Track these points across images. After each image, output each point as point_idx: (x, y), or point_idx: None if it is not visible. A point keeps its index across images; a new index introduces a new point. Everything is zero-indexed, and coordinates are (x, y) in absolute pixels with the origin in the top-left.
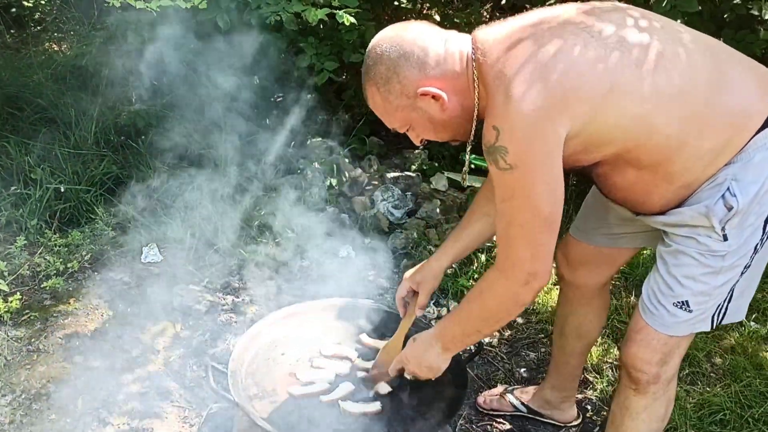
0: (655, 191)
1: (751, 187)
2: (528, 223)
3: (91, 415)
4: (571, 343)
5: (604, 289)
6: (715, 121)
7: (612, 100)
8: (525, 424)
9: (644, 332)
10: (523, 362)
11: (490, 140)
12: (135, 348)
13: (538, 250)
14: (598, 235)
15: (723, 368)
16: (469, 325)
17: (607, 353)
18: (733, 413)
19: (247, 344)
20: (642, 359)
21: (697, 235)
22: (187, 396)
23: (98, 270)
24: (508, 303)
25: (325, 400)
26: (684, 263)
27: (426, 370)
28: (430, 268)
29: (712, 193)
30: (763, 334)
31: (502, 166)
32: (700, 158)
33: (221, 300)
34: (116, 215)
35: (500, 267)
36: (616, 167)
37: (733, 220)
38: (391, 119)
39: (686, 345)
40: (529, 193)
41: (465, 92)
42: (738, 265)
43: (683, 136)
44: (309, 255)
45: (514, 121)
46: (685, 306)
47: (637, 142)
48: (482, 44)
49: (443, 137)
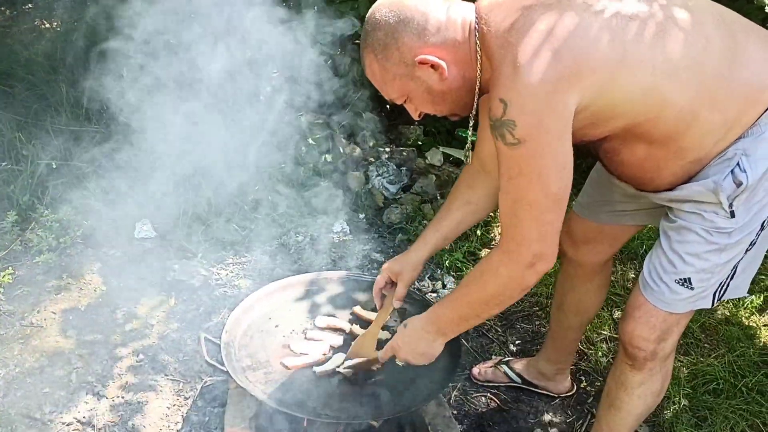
0: (666, 167)
1: (762, 163)
2: (536, 201)
3: (86, 389)
4: (570, 318)
5: (606, 267)
6: (728, 94)
7: (623, 71)
8: (519, 395)
9: (643, 309)
10: (517, 335)
11: (497, 114)
12: (129, 322)
13: (545, 230)
14: (602, 213)
15: (717, 339)
16: (468, 309)
17: (601, 325)
18: (727, 382)
19: (240, 317)
20: (640, 336)
21: (703, 211)
22: (182, 369)
23: (91, 246)
24: (512, 285)
25: (320, 371)
26: (688, 240)
27: (419, 357)
28: (408, 259)
29: (721, 168)
30: (758, 304)
31: (509, 141)
32: (711, 132)
33: (215, 274)
34: (109, 191)
35: (505, 248)
36: (626, 142)
37: (742, 196)
38: (389, 89)
39: (685, 322)
40: (539, 170)
41: (467, 63)
42: (743, 242)
43: (695, 109)
44: (303, 230)
45: (523, 93)
46: (687, 283)
47: (648, 115)
48: (486, 13)
49: (442, 110)
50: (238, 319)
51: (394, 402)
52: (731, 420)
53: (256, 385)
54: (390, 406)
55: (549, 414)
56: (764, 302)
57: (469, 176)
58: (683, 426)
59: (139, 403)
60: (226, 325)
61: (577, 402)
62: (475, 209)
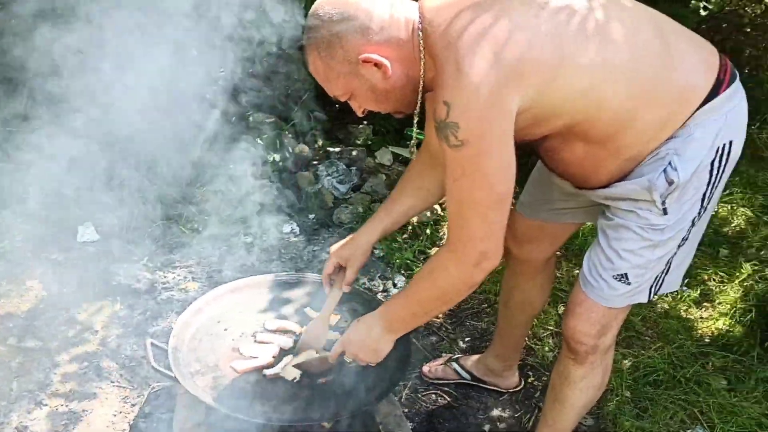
0: (603, 165)
1: (692, 162)
2: (481, 201)
3: (27, 398)
4: (516, 315)
5: (549, 264)
6: (661, 94)
7: (563, 72)
8: (469, 392)
9: (584, 305)
10: (467, 332)
11: (441, 116)
12: (71, 328)
13: (491, 229)
14: (543, 211)
15: (657, 331)
16: (418, 305)
17: (548, 321)
18: (666, 374)
19: (188, 320)
20: (581, 331)
21: (638, 209)
22: (128, 375)
23: (31, 250)
24: (459, 283)
25: (269, 374)
26: (624, 237)
27: (369, 354)
28: (358, 243)
29: (655, 167)
30: (695, 298)
31: (453, 142)
32: (646, 131)
33: (161, 278)
34: (50, 194)
35: (452, 247)
36: (566, 141)
37: (674, 194)
38: (333, 86)
39: (623, 316)
40: (483, 171)
41: (410, 61)
42: (675, 238)
43: (632, 109)
44: (252, 231)
45: (466, 95)
46: (624, 279)
47: (586, 115)
48: (429, 13)
49: (386, 108)
50: (186, 323)
51: (345, 402)
52: (671, 410)
53: (205, 390)
54: (341, 406)
55: (498, 409)
56: (701, 295)
57: (420, 165)
58: (626, 417)
59: (83, 411)
60: (173, 329)
61: (525, 397)
62: (426, 195)
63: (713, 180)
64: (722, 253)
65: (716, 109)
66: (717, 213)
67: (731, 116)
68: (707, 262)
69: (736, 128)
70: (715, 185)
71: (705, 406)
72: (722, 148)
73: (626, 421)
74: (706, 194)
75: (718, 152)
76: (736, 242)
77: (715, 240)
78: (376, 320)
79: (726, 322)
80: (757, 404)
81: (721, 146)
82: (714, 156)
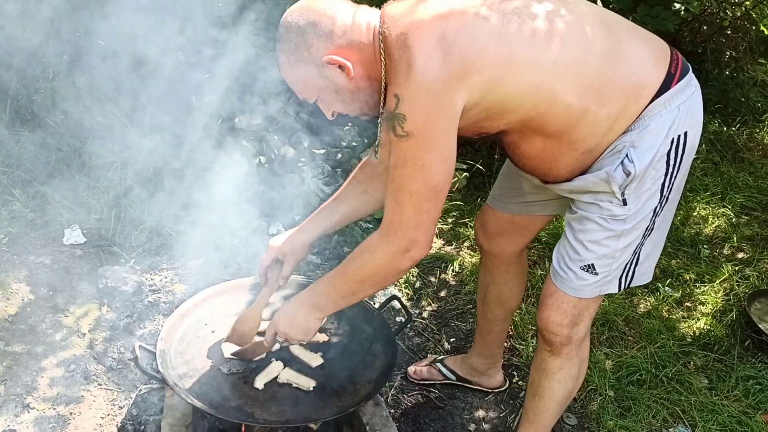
0: (561, 158)
1: (647, 153)
2: (417, 191)
3: (14, 401)
4: (493, 310)
5: (521, 257)
6: (611, 89)
7: (510, 70)
8: (454, 392)
9: (555, 296)
10: (452, 333)
11: (391, 107)
12: (58, 332)
13: (422, 218)
14: (513, 204)
15: (639, 331)
16: (345, 286)
17: (531, 321)
18: (649, 373)
19: (175, 323)
20: (554, 322)
21: (599, 201)
22: (116, 378)
23: (17, 253)
24: (386, 268)
25: (258, 380)
26: (588, 228)
27: (296, 330)
28: (299, 238)
29: (612, 160)
30: (677, 298)
31: (399, 133)
32: (599, 125)
33: (148, 280)
34: (35, 196)
35: (384, 231)
36: (524, 135)
37: (632, 185)
38: (301, 88)
39: (596, 307)
40: (422, 162)
41: (372, 64)
42: (638, 228)
43: (583, 103)
44: (238, 233)
45: (414, 90)
46: (591, 269)
47: (538, 110)
48: (389, 18)
49: (353, 109)
50: (174, 326)
51: (331, 404)
52: (653, 409)
53: (193, 393)
54: (328, 408)
55: (482, 409)
56: (682, 296)
57: (369, 168)
58: (609, 416)
59: (71, 415)
60: (161, 332)
61: (510, 396)
62: (370, 200)
63: (671, 170)
64: (703, 253)
65: (668, 102)
66: (697, 213)
67: (684, 108)
68: (689, 262)
69: (691, 120)
70: (673, 176)
71: (687, 405)
72: (677, 139)
73: (609, 420)
74: (665, 184)
75: (674, 143)
76: (717, 242)
77: (696, 240)
78: (305, 299)
79: (707, 322)
80: (737, 402)
81: (675, 137)
82: (669, 147)
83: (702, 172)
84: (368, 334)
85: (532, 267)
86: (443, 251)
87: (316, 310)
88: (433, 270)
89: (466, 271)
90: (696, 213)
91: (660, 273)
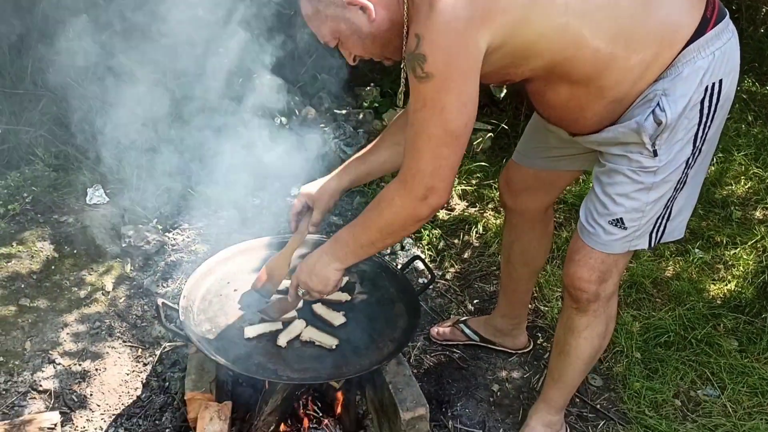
0: (588, 108)
1: (680, 102)
2: (435, 135)
3: (41, 357)
4: (518, 269)
5: (547, 215)
6: (644, 34)
7: (535, 10)
8: (477, 352)
9: (582, 252)
10: (475, 294)
11: (411, 47)
12: (82, 289)
13: (440, 164)
14: (539, 159)
15: (668, 293)
16: (363, 234)
17: (556, 283)
18: (677, 335)
19: (198, 281)
20: (581, 278)
21: (629, 152)
22: (140, 335)
23: (41, 212)
24: (404, 216)
25: (281, 342)
26: (617, 181)
27: (315, 281)
28: (328, 186)
29: (643, 109)
30: (707, 260)
31: (419, 74)
32: (629, 71)
33: (170, 239)
34: (58, 156)
35: (401, 178)
36: (549, 83)
37: (663, 135)
38: (322, 31)
39: (624, 263)
40: (442, 105)
41: (394, 6)
42: (669, 180)
43: (611, 48)
44: (260, 193)
45: (436, 29)
46: (620, 223)
47: (564, 54)
48: None
49: (373, 53)
50: (197, 284)
51: (354, 362)
52: (681, 371)
53: (216, 350)
54: (350, 366)
55: (506, 370)
56: (713, 258)
57: (403, 120)
58: (635, 378)
59: (96, 370)
60: (184, 290)
61: (534, 358)
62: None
63: (704, 120)
64: (735, 214)
65: (703, 48)
66: (729, 174)
67: (720, 54)
68: (720, 224)
69: (727, 67)
70: (707, 125)
71: (716, 367)
72: (712, 87)
73: (636, 381)
74: (698, 135)
75: (708, 91)
76: (749, 204)
77: (727, 201)
78: (325, 248)
79: (738, 284)
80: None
81: (710, 85)
82: (703, 95)
83: (734, 132)
84: (391, 294)
85: (557, 229)
86: (467, 213)
87: (336, 260)
88: (457, 232)
89: (490, 232)
90: (728, 174)
91: (690, 235)
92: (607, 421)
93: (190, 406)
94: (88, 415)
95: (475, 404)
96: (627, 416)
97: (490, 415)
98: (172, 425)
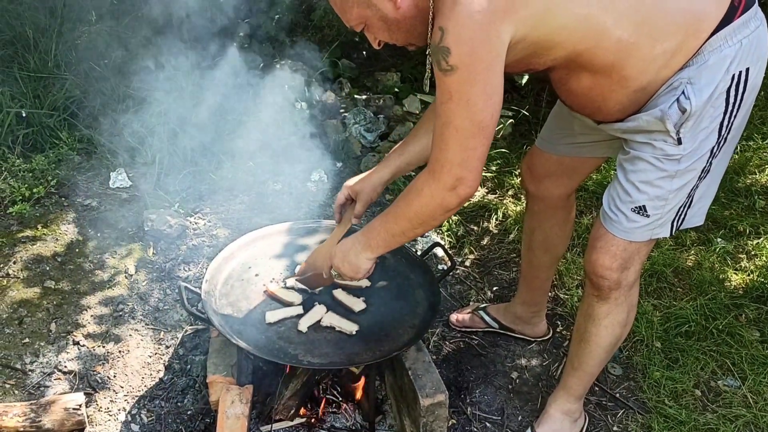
0: (611, 96)
1: (705, 90)
2: (462, 127)
3: (65, 338)
4: (539, 256)
5: (569, 201)
6: (667, 23)
7: (556, 2)
8: (497, 340)
9: (604, 239)
10: (495, 281)
11: (435, 40)
12: (106, 272)
13: (468, 155)
14: (562, 144)
15: (689, 283)
16: (394, 224)
17: (577, 271)
18: (698, 325)
19: (220, 265)
20: (603, 265)
21: (653, 140)
22: (162, 318)
23: (65, 195)
24: (434, 206)
25: (302, 327)
26: (641, 169)
27: (347, 267)
28: (370, 179)
29: (668, 97)
30: (729, 250)
31: (443, 67)
32: (653, 61)
33: (192, 224)
34: (81, 140)
35: (431, 168)
36: (572, 72)
37: (687, 123)
38: (348, 15)
39: (646, 252)
40: (467, 97)
41: None
42: (693, 168)
43: (634, 38)
44: (281, 179)
45: (460, 22)
46: (643, 211)
47: (586, 44)
48: None
49: (399, 39)
50: (218, 268)
51: (374, 348)
52: (702, 361)
53: (238, 334)
54: (370, 351)
55: (525, 357)
56: (735, 247)
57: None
58: (656, 367)
59: (120, 352)
60: (206, 274)
61: (553, 346)
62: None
63: (730, 109)
64: (758, 204)
65: (730, 36)
66: (753, 163)
67: (747, 43)
68: (743, 213)
69: (754, 56)
70: (733, 114)
71: (737, 358)
72: (738, 75)
73: (656, 371)
74: (724, 123)
75: (734, 80)
76: None
77: (751, 191)
78: (358, 236)
79: (761, 274)
80: None
81: (737, 73)
82: (730, 83)
83: (759, 120)
84: (411, 280)
85: (578, 216)
86: (487, 199)
87: (367, 248)
88: (476, 218)
89: (509, 219)
90: (752, 162)
91: (712, 224)
92: (627, 410)
93: (212, 388)
94: (112, 396)
95: (494, 391)
96: (646, 405)
97: (509, 402)
98: (193, 407)
